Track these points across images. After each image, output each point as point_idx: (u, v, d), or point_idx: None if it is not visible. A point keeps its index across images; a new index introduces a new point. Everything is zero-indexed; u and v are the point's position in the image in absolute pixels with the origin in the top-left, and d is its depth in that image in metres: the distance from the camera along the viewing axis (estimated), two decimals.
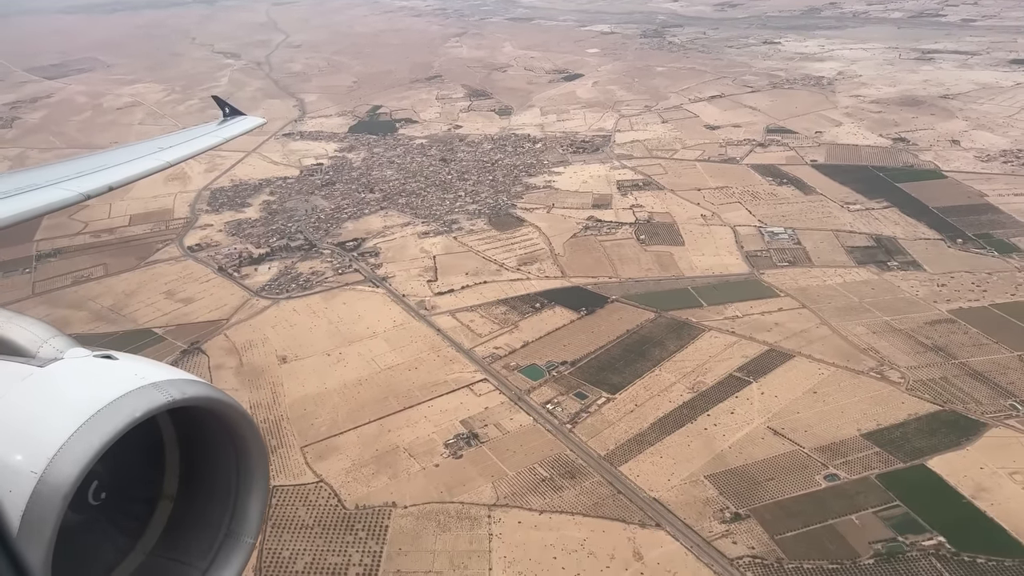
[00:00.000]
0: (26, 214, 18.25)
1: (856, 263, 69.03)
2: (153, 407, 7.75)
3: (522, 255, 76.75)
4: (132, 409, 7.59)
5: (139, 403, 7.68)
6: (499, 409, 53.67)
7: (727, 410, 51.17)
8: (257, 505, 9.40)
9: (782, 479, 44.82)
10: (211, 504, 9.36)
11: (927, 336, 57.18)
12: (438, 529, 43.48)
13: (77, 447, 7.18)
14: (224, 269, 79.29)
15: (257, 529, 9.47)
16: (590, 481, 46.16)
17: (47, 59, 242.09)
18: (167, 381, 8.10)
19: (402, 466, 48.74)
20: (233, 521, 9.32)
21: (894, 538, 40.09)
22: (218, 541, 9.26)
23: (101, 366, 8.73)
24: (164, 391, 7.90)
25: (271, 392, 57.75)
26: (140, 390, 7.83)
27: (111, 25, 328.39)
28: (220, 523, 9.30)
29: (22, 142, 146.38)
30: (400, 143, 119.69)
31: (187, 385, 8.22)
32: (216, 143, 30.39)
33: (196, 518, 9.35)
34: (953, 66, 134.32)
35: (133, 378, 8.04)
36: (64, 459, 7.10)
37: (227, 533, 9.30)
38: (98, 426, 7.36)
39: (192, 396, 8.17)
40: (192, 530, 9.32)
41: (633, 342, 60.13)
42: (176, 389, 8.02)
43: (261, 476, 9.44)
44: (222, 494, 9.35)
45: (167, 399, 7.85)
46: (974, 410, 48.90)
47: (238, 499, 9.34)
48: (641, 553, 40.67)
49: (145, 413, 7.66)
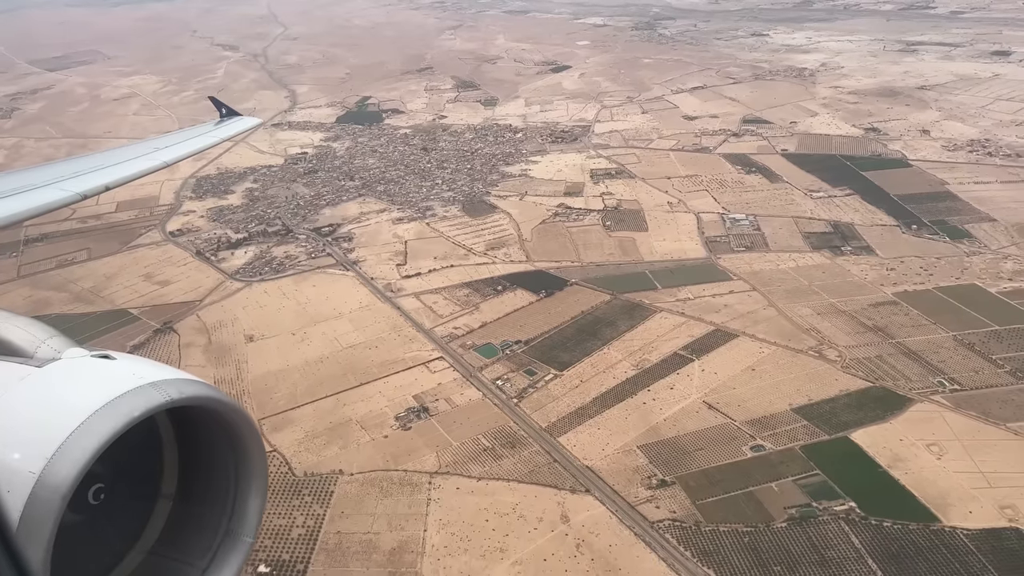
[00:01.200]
0: (23, 214, 18.44)
1: (811, 248, 70.80)
2: (151, 407, 7.74)
3: (490, 240, 78.79)
4: (130, 409, 7.58)
5: (137, 403, 7.67)
6: (451, 385, 55.83)
7: (667, 386, 53.17)
8: (256, 504, 9.42)
9: (710, 449, 46.81)
10: (210, 503, 9.38)
11: (869, 317, 58.98)
12: (380, 494, 45.72)
13: (75, 447, 7.18)
14: (202, 253, 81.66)
15: (256, 528, 9.48)
16: (529, 451, 48.28)
17: (50, 51, 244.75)
18: (165, 381, 8.09)
19: (353, 437, 50.98)
20: (232, 520, 9.34)
21: (808, 504, 42.08)
22: (217, 540, 9.28)
23: (99, 366, 8.70)
24: (162, 391, 7.89)
25: (235, 369, 60.06)
26: (138, 390, 7.82)
27: (115, 18, 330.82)
28: (219, 522, 9.33)
29: (19, 132, 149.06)
30: (385, 133, 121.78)
31: (185, 385, 8.21)
32: (212, 143, 31.62)
33: (195, 517, 9.37)
34: (935, 58, 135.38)
35: (131, 378, 8.02)
36: (62, 459, 7.10)
37: (226, 532, 9.32)
38: (96, 426, 7.35)
39: (190, 396, 8.16)
40: (191, 529, 9.33)
41: (587, 322, 62.13)
42: (174, 389, 8.01)
43: (260, 475, 9.45)
44: (221, 493, 9.37)
45: (165, 399, 7.84)
46: (903, 386, 50.74)
47: (237, 498, 9.37)
48: (568, 516, 42.81)
49: (143, 413, 7.65)
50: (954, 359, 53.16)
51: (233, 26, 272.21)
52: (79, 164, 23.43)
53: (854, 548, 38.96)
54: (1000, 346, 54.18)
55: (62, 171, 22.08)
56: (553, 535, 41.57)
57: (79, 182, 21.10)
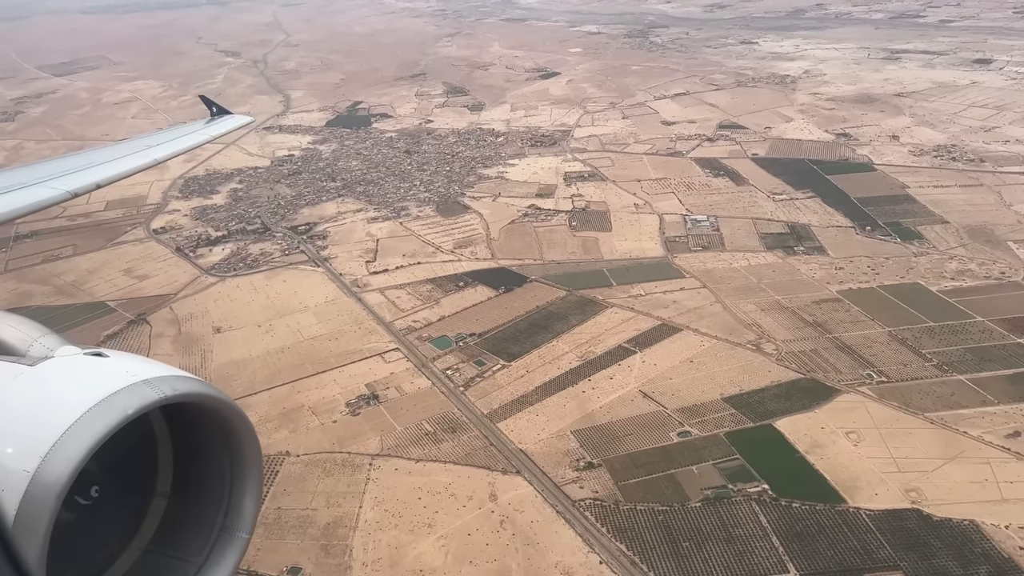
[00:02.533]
0: (12, 213, 18.34)
1: (766, 248, 72.70)
2: (145, 404, 7.74)
3: (459, 239, 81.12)
4: (124, 406, 7.58)
5: (131, 400, 7.67)
6: (403, 374, 58.11)
7: (607, 376, 55.23)
8: (251, 500, 9.48)
9: (639, 435, 48.84)
10: (205, 500, 9.41)
11: (810, 313, 60.86)
12: (323, 474, 48.04)
13: (69, 445, 7.17)
14: (181, 249, 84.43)
15: (252, 524, 9.54)
16: (468, 435, 50.47)
17: (58, 57, 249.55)
18: (159, 378, 8.10)
19: (303, 422, 53.34)
20: (228, 517, 9.37)
21: (725, 485, 44.04)
22: (213, 537, 9.31)
23: (92, 364, 8.71)
24: (156, 388, 7.90)
25: (200, 358, 62.59)
26: (132, 387, 7.82)
27: (124, 25, 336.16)
28: (215, 519, 9.35)
29: (20, 134, 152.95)
30: (371, 136, 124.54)
31: (179, 382, 8.22)
32: (203, 141, 31.82)
33: (191, 514, 9.39)
34: (917, 66, 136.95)
35: (124, 375, 8.02)
36: (57, 457, 7.09)
37: (222, 529, 9.35)
38: (90, 424, 7.34)
39: (184, 392, 8.16)
40: (187, 526, 9.37)
41: (540, 317, 64.27)
42: (168, 386, 8.02)
43: (255, 471, 9.48)
44: (216, 490, 9.41)
45: (159, 396, 7.84)
46: (832, 378, 52.61)
47: (232, 495, 9.40)
48: (496, 495, 44.95)
49: (137, 410, 7.65)
50: (885, 353, 54.97)
51: (237, 33, 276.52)
52: (69, 162, 23.37)
53: (761, 526, 40.90)
54: (932, 341, 55.95)
55: (52, 169, 21.98)
56: (480, 512, 43.72)
57: (69, 180, 21.02)
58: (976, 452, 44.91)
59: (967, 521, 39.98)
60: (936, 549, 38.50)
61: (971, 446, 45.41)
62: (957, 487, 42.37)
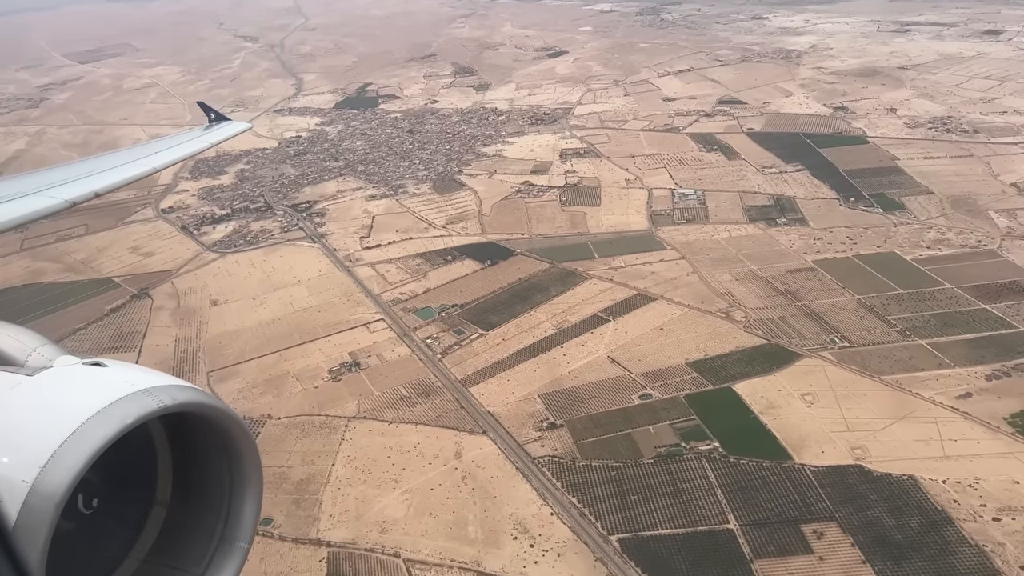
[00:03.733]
0: (10, 223, 18.24)
1: (749, 220, 73.75)
2: (144, 413, 7.72)
3: (452, 215, 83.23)
4: (123, 416, 7.56)
5: (130, 410, 7.65)
6: (386, 343, 60.56)
7: (579, 344, 57.12)
8: (251, 510, 9.43)
9: (603, 397, 50.75)
10: (205, 510, 9.37)
11: (783, 282, 62.07)
12: (301, 435, 50.71)
13: (68, 455, 7.16)
14: (187, 228, 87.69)
15: (252, 534, 9.50)
16: (441, 399, 52.79)
17: (84, 45, 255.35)
18: (158, 387, 8.08)
19: (287, 388, 56.07)
20: (227, 526, 9.33)
21: (677, 444, 45.82)
22: (212, 547, 9.27)
23: (90, 373, 8.69)
24: (155, 397, 7.88)
25: (196, 329, 65.62)
26: (131, 396, 7.81)
27: (150, 13, 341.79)
28: (214, 529, 9.31)
29: (44, 120, 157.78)
30: (377, 117, 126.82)
31: (178, 391, 8.19)
32: (201, 148, 31.97)
33: (190, 524, 9.35)
34: (925, 38, 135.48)
35: (123, 385, 8.01)
36: (55, 468, 7.09)
37: (221, 538, 9.30)
38: (89, 434, 7.33)
39: (183, 402, 8.14)
40: (186, 536, 9.32)
41: (522, 288, 66.24)
42: (167, 395, 7.99)
43: (254, 481, 9.44)
44: (215, 499, 9.37)
45: (158, 405, 7.82)
46: (796, 344, 53.97)
47: (232, 504, 9.36)
48: (461, 453, 47.25)
49: (136, 420, 7.63)
50: (852, 319, 56.13)
51: (258, 18, 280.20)
52: (68, 171, 23.38)
53: (708, 481, 42.70)
54: (899, 308, 56.96)
55: (52, 178, 21.88)
56: (444, 469, 46.07)
57: (68, 189, 21.03)
58: (926, 412, 46.16)
59: (906, 476, 41.38)
60: (872, 502, 40.02)
61: (922, 407, 46.66)
62: (902, 445, 43.72)
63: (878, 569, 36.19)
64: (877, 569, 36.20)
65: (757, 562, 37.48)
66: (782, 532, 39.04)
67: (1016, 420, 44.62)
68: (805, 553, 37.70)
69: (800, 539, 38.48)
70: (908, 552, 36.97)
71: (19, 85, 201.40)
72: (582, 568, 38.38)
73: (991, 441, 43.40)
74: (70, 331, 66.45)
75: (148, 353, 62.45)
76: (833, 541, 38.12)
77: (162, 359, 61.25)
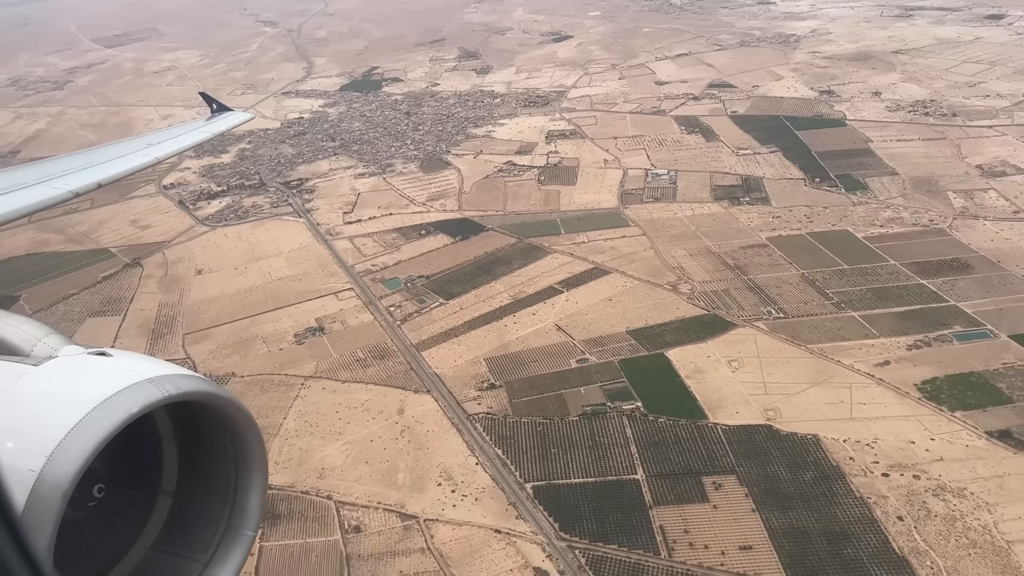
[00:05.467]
0: (13, 213, 18.10)
1: (714, 199, 75.76)
2: (149, 403, 7.78)
3: (433, 192, 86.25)
4: (128, 405, 7.63)
5: (135, 399, 7.71)
6: (351, 310, 63.98)
7: (531, 312, 60.01)
8: (256, 498, 9.51)
9: (543, 361, 53.67)
10: (210, 498, 9.45)
11: (733, 258, 64.23)
12: (259, 391, 54.41)
13: (74, 445, 7.21)
14: (184, 203, 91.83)
15: (257, 522, 9.60)
16: (394, 361, 56.10)
17: (113, 30, 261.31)
18: (162, 376, 8.14)
19: (254, 350, 59.80)
20: (233, 515, 9.42)
21: (603, 403, 48.63)
22: (218, 535, 9.36)
23: (95, 363, 8.77)
24: (160, 386, 7.93)
25: (179, 295, 69.61)
26: (135, 386, 7.86)
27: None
28: (220, 517, 9.40)
29: (66, 102, 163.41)
30: (378, 99, 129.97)
31: (182, 380, 8.26)
32: (203, 139, 32.51)
33: (196, 512, 9.44)
34: (926, 22, 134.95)
35: (128, 374, 8.06)
36: (62, 457, 7.13)
37: (227, 526, 9.40)
38: (94, 423, 7.39)
39: (188, 391, 8.21)
40: (192, 524, 9.42)
41: (487, 261, 69.16)
42: (172, 384, 8.05)
43: (259, 469, 9.53)
44: (221, 488, 9.45)
45: (163, 394, 7.89)
46: (734, 314, 56.31)
47: (237, 493, 9.45)
48: (404, 410, 50.59)
49: (141, 409, 7.69)
50: (792, 293, 58.27)
51: (281, 4, 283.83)
52: (71, 161, 23.46)
53: (625, 437, 45.53)
54: (840, 282, 58.95)
55: (53, 169, 21.92)
56: (386, 423, 49.45)
57: (71, 179, 21.11)
58: (843, 378, 48.45)
59: (811, 436, 43.84)
60: (773, 458, 42.59)
61: (840, 373, 48.94)
62: (813, 407, 46.13)
63: (764, 516, 38.87)
64: (764, 516, 38.88)
65: (656, 508, 40.36)
66: (684, 483, 41.80)
67: (925, 386, 46.73)
68: (701, 502, 40.49)
69: (699, 489, 41.23)
70: (796, 502, 39.56)
71: (47, 68, 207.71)
72: (495, 511, 41.51)
73: (898, 405, 45.61)
74: (63, 296, 70.88)
75: (132, 316, 66.58)
76: (729, 492, 40.82)
77: (144, 322, 65.35)
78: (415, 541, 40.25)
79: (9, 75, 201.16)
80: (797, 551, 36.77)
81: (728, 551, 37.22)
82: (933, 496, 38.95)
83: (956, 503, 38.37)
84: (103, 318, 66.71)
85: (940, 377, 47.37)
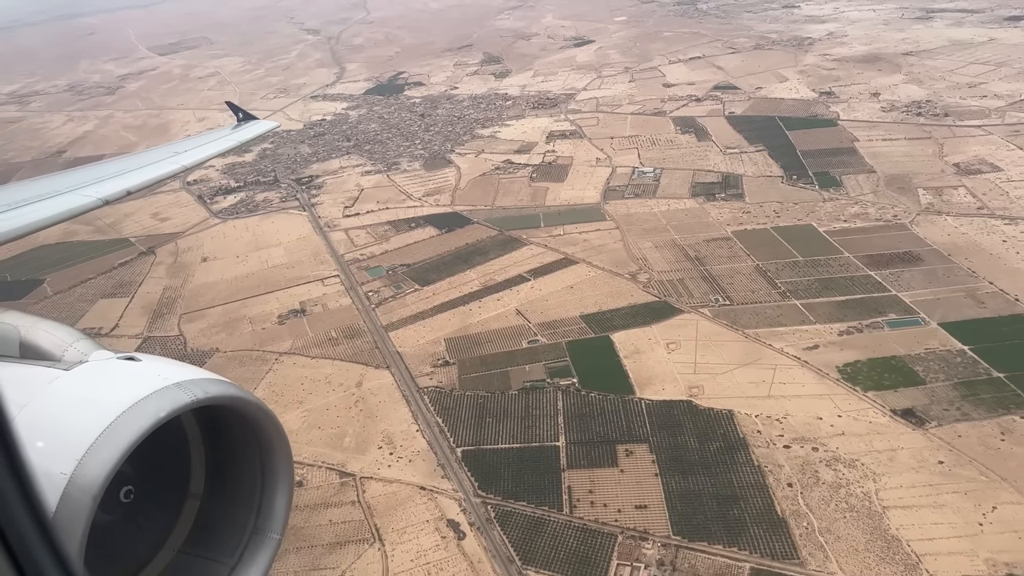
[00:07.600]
0: (44, 222, 18.47)
1: (691, 196, 78.23)
2: (177, 407, 7.99)
3: (430, 188, 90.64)
4: (157, 409, 7.81)
5: (163, 403, 7.90)
6: (333, 295, 68.59)
7: (496, 298, 63.61)
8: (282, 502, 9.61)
9: (497, 342, 57.25)
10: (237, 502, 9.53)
11: (696, 250, 66.78)
12: (238, 365, 59.25)
13: (104, 448, 7.37)
14: (202, 197, 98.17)
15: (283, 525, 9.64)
16: (362, 340, 60.39)
17: (168, 39, 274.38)
18: (190, 381, 8.33)
19: (240, 328, 64.82)
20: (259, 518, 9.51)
21: (543, 380, 51.97)
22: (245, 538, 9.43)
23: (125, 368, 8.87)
24: (187, 391, 8.12)
25: (182, 280, 75.32)
26: (164, 390, 8.05)
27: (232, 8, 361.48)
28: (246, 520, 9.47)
29: (115, 106, 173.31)
30: (398, 102, 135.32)
31: (210, 384, 8.43)
32: (230, 147, 33.04)
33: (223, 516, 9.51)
34: (944, 24, 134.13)
35: (156, 379, 8.24)
36: (92, 461, 7.28)
37: (254, 530, 9.47)
38: (124, 427, 7.54)
39: (215, 395, 8.38)
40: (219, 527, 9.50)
41: (466, 252, 73.04)
42: (199, 388, 8.24)
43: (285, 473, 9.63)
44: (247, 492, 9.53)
45: (191, 399, 8.07)
46: (684, 302, 59.01)
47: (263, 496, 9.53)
48: (362, 383, 54.74)
49: (169, 413, 7.88)
50: (742, 282, 60.65)
51: (326, 12, 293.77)
52: (101, 170, 23.90)
53: (556, 409, 48.82)
54: (791, 273, 61.10)
55: (84, 177, 22.38)
56: (343, 395, 53.70)
57: (101, 187, 21.46)
58: (770, 360, 50.84)
59: (726, 411, 46.46)
60: (686, 429, 45.40)
61: (769, 355, 51.32)
62: (735, 386, 48.69)
63: (665, 480, 41.80)
64: (664, 480, 41.82)
65: (568, 471, 43.59)
66: (599, 450, 44.95)
67: (846, 369, 48.86)
68: (611, 466, 43.57)
69: (611, 455, 44.33)
70: (697, 469, 42.37)
71: (103, 75, 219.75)
72: (424, 471, 45.34)
73: (815, 385, 47.90)
74: (82, 280, 77.33)
75: (139, 298, 72.43)
76: (638, 458, 43.82)
77: (147, 303, 71.12)
78: (348, 495, 44.31)
79: (68, 81, 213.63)
80: (687, 511, 39.61)
81: (624, 509, 40.26)
82: (826, 466, 41.32)
83: (845, 472, 40.69)
84: (113, 299, 72.75)
85: (862, 360, 49.41)
